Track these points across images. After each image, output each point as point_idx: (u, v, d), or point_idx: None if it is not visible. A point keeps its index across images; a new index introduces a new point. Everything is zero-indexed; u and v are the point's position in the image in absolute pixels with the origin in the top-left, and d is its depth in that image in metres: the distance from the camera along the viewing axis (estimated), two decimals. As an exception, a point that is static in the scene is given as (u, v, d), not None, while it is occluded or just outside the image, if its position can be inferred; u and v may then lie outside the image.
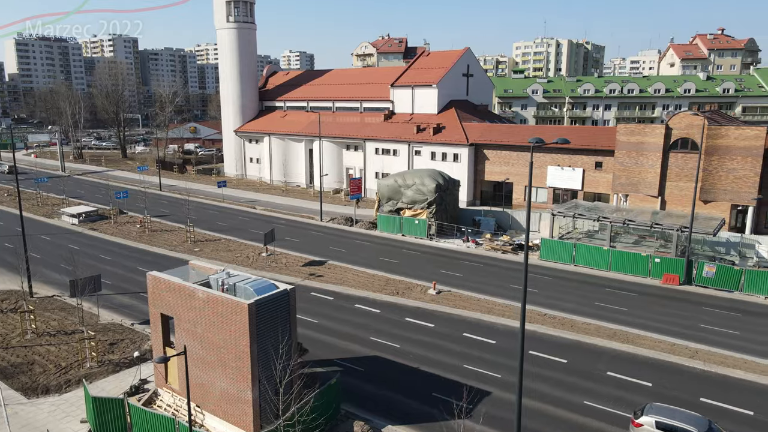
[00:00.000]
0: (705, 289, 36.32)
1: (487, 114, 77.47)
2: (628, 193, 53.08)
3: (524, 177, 61.68)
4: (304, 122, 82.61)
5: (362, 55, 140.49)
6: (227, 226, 54.78)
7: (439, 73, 72.91)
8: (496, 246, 45.91)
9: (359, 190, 55.63)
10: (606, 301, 34.04)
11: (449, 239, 49.45)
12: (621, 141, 52.57)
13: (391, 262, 42.70)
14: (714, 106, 64.87)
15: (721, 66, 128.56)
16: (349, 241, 49.30)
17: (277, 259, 43.18)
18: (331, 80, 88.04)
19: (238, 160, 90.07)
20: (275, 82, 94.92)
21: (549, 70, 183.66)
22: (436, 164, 66.08)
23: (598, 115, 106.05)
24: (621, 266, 39.46)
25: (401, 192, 51.11)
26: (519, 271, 40.60)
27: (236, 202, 67.52)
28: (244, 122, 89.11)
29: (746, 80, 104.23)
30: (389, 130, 71.94)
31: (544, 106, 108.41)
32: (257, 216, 60.17)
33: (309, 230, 53.59)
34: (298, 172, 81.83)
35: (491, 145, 63.11)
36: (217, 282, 22.13)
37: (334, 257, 43.95)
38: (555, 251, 42.48)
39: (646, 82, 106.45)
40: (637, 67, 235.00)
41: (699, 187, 48.93)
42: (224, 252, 45.48)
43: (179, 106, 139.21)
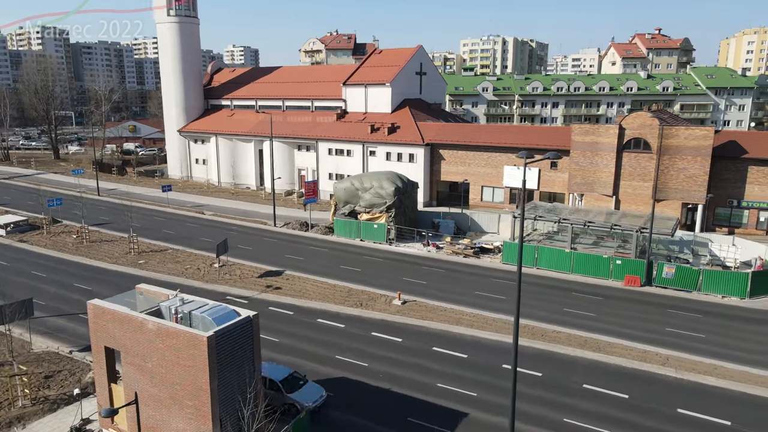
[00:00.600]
0: (665, 290, 36.69)
1: (440, 113, 76.83)
2: (584, 193, 53.53)
3: (481, 177, 61.34)
4: (253, 122, 79.51)
5: (310, 51, 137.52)
6: (174, 234, 51.55)
7: (392, 72, 71.58)
8: (458, 250, 45.09)
9: (314, 193, 53.61)
10: (574, 307, 33.69)
11: (409, 243, 48.27)
12: (576, 141, 52.89)
13: (352, 270, 41.08)
14: (660, 106, 66.64)
15: (658, 65, 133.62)
16: (306, 248, 47.29)
17: (231, 271, 40.71)
18: (280, 78, 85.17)
19: (183, 161, 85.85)
20: (221, 79, 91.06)
21: (496, 67, 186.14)
22: (391, 165, 64.83)
23: (547, 112, 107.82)
24: (583, 268, 39.39)
25: (359, 195, 49.49)
26: (482, 277, 39.88)
27: (183, 207, 63.98)
28: (188, 121, 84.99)
29: (683, 79, 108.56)
30: (342, 129, 70.09)
31: (494, 104, 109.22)
32: (206, 222, 57.07)
33: (263, 237, 51.16)
34: (248, 174, 78.72)
35: (447, 145, 62.42)
36: (170, 310, 19.90)
37: (291, 266, 41.89)
38: (515, 254, 41.94)
39: (591, 80, 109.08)
40: (578, 65, 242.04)
41: (652, 186, 49.83)
42: (172, 264, 42.52)
43: (117, 104, 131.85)
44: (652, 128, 49.02)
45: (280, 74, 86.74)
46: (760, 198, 48.44)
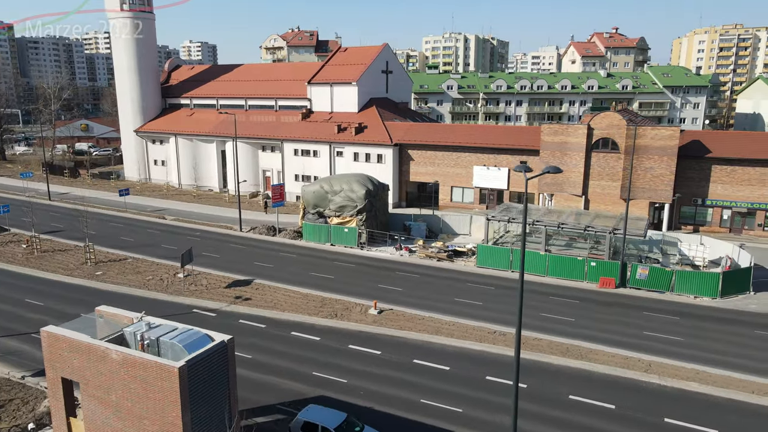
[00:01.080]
0: (639, 291, 36.81)
1: (407, 112, 75.99)
2: (554, 193, 53.60)
3: (450, 177, 60.82)
4: (214, 121, 76.81)
5: (272, 48, 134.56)
6: (134, 241, 48.97)
7: (358, 70, 70.26)
8: (431, 254, 44.30)
9: (281, 197, 51.90)
10: (552, 312, 33.33)
11: (381, 247, 47.22)
12: (545, 141, 52.87)
13: (324, 278, 39.73)
14: (624, 105, 67.55)
15: (616, 63, 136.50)
16: (275, 254, 45.63)
17: (197, 281, 38.74)
18: (241, 76, 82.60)
19: (141, 162, 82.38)
20: (179, 77, 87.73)
21: (458, 65, 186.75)
22: (359, 165, 63.63)
23: (511, 110, 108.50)
24: (558, 271, 39.18)
25: (328, 199, 48.09)
26: (458, 281, 39.17)
27: (142, 212, 61.10)
28: (145, 121, 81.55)
29: (641, 77, 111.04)
30: (308, 129, 68.40)
31: (459, 102, 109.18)
32: (168, 228, 54.54)
33: (229, 243, 49.16)
34: (210, 176, 76.06)
35: (416, 145, 61.61)
36: (135, 336, 18.24)
37: (260, 274, 40.21)
38: (492, 257, 41.53)
39: (554, 78, 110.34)
40: (537, 62, 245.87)
41: (620, 185, 50.27)
42: (133, 275, 40.19)
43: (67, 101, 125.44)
44: (620, 128, 49.38)
45: (241, 72, 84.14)
46: (723, 197, 49.50)
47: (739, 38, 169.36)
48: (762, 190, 48.05)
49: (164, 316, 32.67)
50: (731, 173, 48.77)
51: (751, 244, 46.41)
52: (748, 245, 45.72)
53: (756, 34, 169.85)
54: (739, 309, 33.94)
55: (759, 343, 29.40)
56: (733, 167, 48.62)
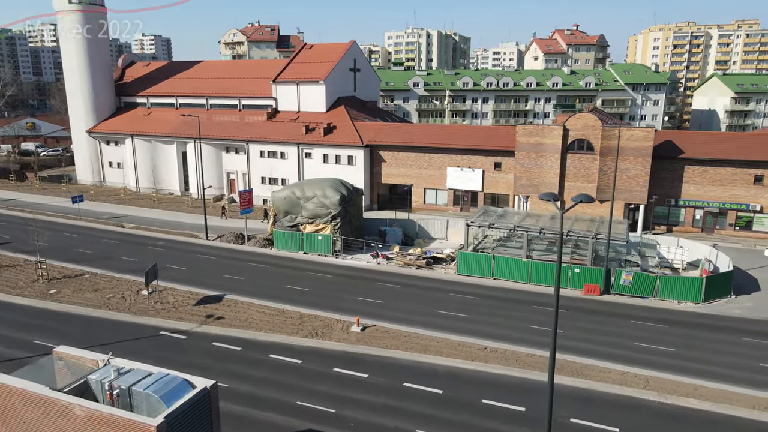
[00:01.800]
0: (623, 298, 36.33)
1: (377, 111, 74.23)
2: (529, 195, 52.95)
3: (423, 179, 59.49)
4: (174, 121, 73.17)
5: (231, 43, 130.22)
6: (91, 254, 45.63)
7: (325, 68, 68.01)
8: (409, 261, 42.81)
9: (250, 203, 49.37)
10: (540, 323, 32.34)
11: (357, 255, 45.44)
12: (521, 142, 52.11)
13: (300, 291, 37.71)
14: (593, 105, 67.68)
15: (578, 60, 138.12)
16: (245, 265, 43.24)
17: (163, 298, 36.06)
18: (201, 73, 79.02)
19: (95, 164, 77.87)
20: (134, 74, 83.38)
21: (422, 61, 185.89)
22: (329, 167, 61.57)
23: (477, 107, 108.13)
24: (540, 278, 38.33)
25: (300, 205, 45.95)
26: (440, 291, 37.81)
27: (98, 220, 57.38)
28: (99, 121, 77.10)
29: (603, 75, 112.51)
30: (274, 130, 65.81)
31: (425, 99, 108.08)
32: (127, 237, 51.22)
33: (195, 253, 46.42)
34: (171, 179, 72.45)
35: (388, 146, 59.97)
36: (102, 385, 15.96)
37: (231, 289, 37.84)
38: (473, 265, 40.36)
39: (519, 76, 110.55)
40: (498, 58, 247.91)
41: (596, 187, 49.97)
42: (91, 293, 37.15)
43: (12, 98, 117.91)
44: (596, 129, 49.03)
45: (201, 69, 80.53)
46: (695, 197, 49.86)
47: (692, 36, 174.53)
48: (733, 190, 48.59)
49: (129, 340, 30.34)
50: (703, 173, 49.15)
51: (723, 244, 46.92)
52: (720, 245, 46.20)
53: (708, 31, 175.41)
54: (724, 314, 33.82)
55: (749, 351, 29.15)
56: (705, 168, 48.99)
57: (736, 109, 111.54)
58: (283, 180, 64.66)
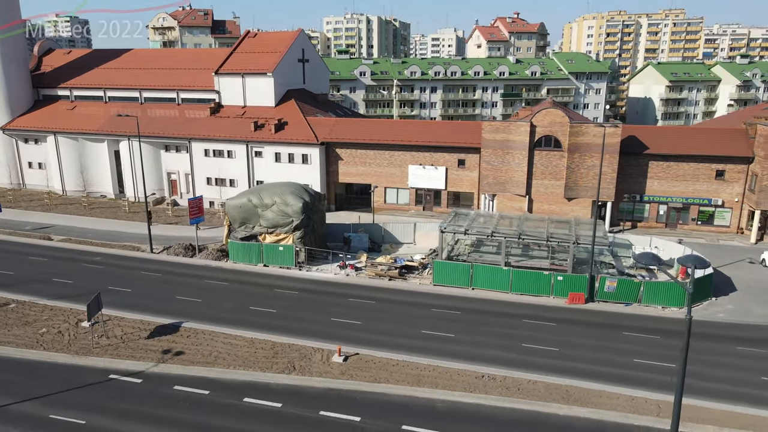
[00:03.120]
0: (607, 305, 35.21)
1: (328, 104, 70.38)
2: (496, 193, 51.30)
3: (383, 177, 56.65)
4: (103, 116, 66.38)
5: (161, 28, 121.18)
6: (15, 276, 39.79)
7: (273, 59, 63.38)
8: (381, 272, 39.97)
9: (201, 211, 44.76)
10: (532, 340, 30.47)
11: (322, 266, 42.12)
12: (487, 139, 50.23)
13: (267, 313, 34.08)
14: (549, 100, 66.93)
15: (519, 48, 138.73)
16: (200, 283, 38.95)
17: (108, 330, 31.43)
18: (132, 63, 72.12)
19: (12, 165, 69.70)
20: (53, 62, 75.09)
21: (362, 47, 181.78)
22: (281, 167, 57.55)
23: (426, 97, 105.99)
24: (522, 286, 36.59)
25: (258, 214, 41.95)
26: (418, 307, 35.21)
27: (20, 232, 50.77)
28: (14, 116, 68.94)
29: (547, 63, 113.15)
30: (219, 126, 60.74)
31: (372, 89, 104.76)
32: (57, 252, 45.34)
33: (139, 269, 41.52)
34: (103, 180, 65.77)
35: (345, 143, 56.55)
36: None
37: (188, 314, 33.67)
38: (449, 274, 38.08)
39: (466, 64, 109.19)
40: (437, 44, 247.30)
41: (564, 184, 48.92)
42: (20, 327, 31.91)
43: None
44: (563, 126, 47.80)
45: (132, 58, 73.49)
46: (659, 192, 49.85)
47: (623, 24, 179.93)
48: (695, 185, 48.89)
49: (73, 389, 25.82)
50: (667, 169, 49.13)
51: (687, 239, 47.17)
52: (685, 240, 46.38)
53: (638, 20, 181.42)
54: (710, 320, 33.29)
55: (746, 362, 28.46)
56: (668, 163, 48.96)
57: (670, 97, 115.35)
58: (231, 181, 59.96)
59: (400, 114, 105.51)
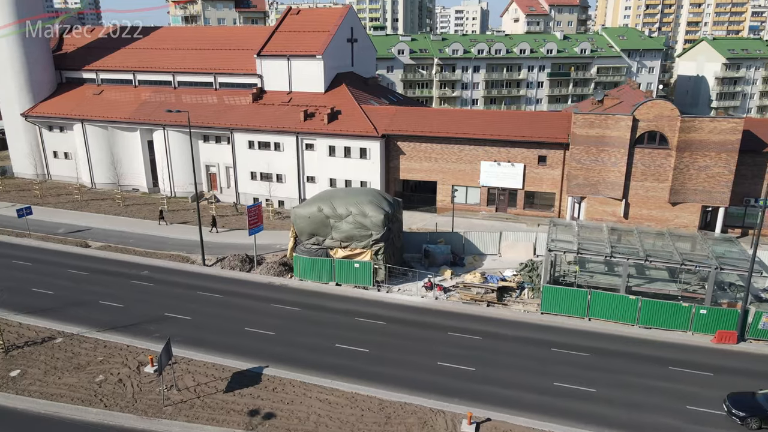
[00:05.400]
0: (759, 345, 29.62)
1: (379, 89, 64.16)
2: (585, 195, 45.36)
3: (450, 174, 50.76)
4: (134, 102, 60.69)
5: (182, 1, 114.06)
6: (55, 297, 34.71)
7: (321, 39, 57.01)
8: (477, 296, 34.43)
9: (259, 219, 39.24)
10: (696, 400, 24.92)
11: (403, 285, 36.66)
12: (578, 134, 44.05)
13: (358, 353, 28.79)
14: (630, 83, 60.23)
15: (560, 22, 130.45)
16: (269, 308, 33.66)
17: (177, 379, 26.31)
18: (162, 42, 65.94)
19: (36, 155, 64.40)
20: (76, 42, 69.06)
21: (386, 20, 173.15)
22: (336, 161, 51.84)
23: (468, 77, 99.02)
24: (651, 319, 30.99)
25: (330, 225, 36.37)
26: (538, 345, 29.64)
27: (53, 236, 45.62)
28: (36, 101, 63.51)
29: (597, 40, 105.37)
30: (264, 115, 54.83)
31: (411, 69, 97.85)
32: (98, 263, 40.17)
33: (195, 288, 36.29)
34: (135, 173, 60.36)
35: (408, 136, 50.53)
36: None
37: (265, 354, 28.45)
38: (561, 301, 32.51)
39: (511, 41, 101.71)
40: (461, 18, 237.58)
41: (669, 187, 42.89)
42: (72, 373, 26.84)
43: None
44: (672, 120, 41.52)
45: (162, 37, 67.28)
46: (777, 195, 43.65)
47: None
48: (820, 189, 42.66)
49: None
50: (788, 169, 42.84)
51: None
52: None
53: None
54: None
55: None
56: (791, 163, 42.64)
57: (726, 75, 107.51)
58: (279, 176, 54.31)
59: (440, 95, 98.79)
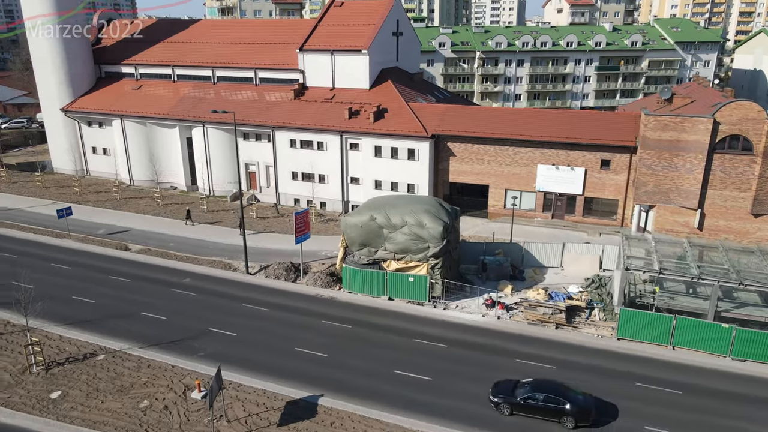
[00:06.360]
0: None
1: (425, 86, 61.25)
2: (655, 204, 41.86)
3: (503, 178, 47.74)
4: (173, 98, 59.17)
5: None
6: (95, 307, 33.16)
7: (366, 33, 54.34)
8: (544, 317, 31.56)
9: (307, 227, 37.00)
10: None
11: (461, 301, 34.00)
12: (649, 138, 40.53)
13: (419, 382, 26.27)
14: (697, 79, 56.05)
15: (606, 12, 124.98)
16: (318, 325, 31.42)
17: (229, 407, 24.26)
18: (201, 36, 64.23)
19: (75, 150, 63.61)
20: (114, 35, 67.87)
21: (422, 11, 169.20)
22: (382, 163, 49.41)
23: (511, 71, 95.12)
24: (747, 350, 27.74)
25: (383, 236, 33.87)
26: (623, 379, 26.71)
27: (93, 238, 44.31)
28: (76, 96, 62.63)
29: (649, 32, 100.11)
30: (307, 112, 52.55)
31: (452, 62, 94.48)
32: (138, 269, 38.57)
33: (239, 299, 34.32)
34: (174, 170, 58.96)
35: (458, 136, 47.65)
36: None
37: (319, 379, 26.20)
38: (640, 326, 29.41)
39: (557, 34, 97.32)
40: (497, 8, 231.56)
41: (752, 197, 39.12)
42: (115, 396, 25.06)
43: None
44: (758, 123, 37.70)
45: (201, 30, 65.63)
46: None
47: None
48: None
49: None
50: None
51: None
52: None
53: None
54: None
55: None
56: None
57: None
58: (321, 176, 52.08)
59: (482, 90, 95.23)
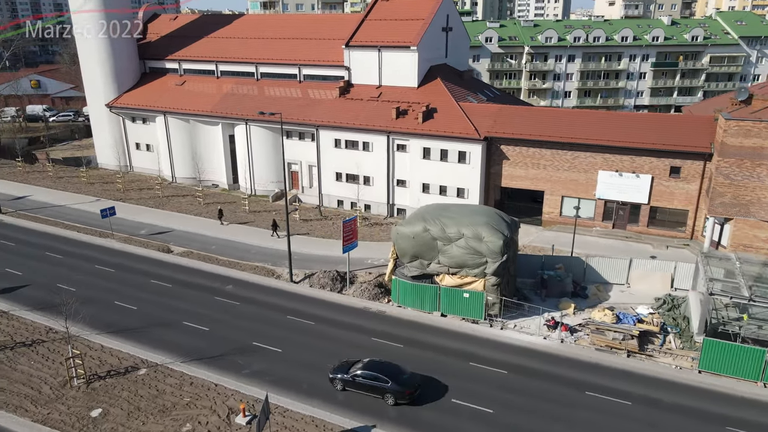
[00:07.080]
0: None
1: (475, 84, 58.52)
2: (732, 217, 38.35)
3: (560, 184, 44.83)
4: (216, 94, 58.15)
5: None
6: (138, 314, 32.10)
7: (415, 28, 51.94)
8: (614, 342, 28.83)
9: (354, 235, 35.09)
10: None
11: (519, 320, 31.53)
12: (728, 144, 37.01)
13: (483, 416, 24.03)
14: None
15: (662, 5, 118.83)
16: (368, 342, 29.49)
17: (272, 437, 22.64)
18: (245, 31, 63.02)
19: (119, 146, 63.47)
20: (160, 30, 67.50)
21: (465, 5, 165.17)
22: (430, 165, 47.13)
23: (561, 67, 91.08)
24: None
25: (437, 248, 31.66)
26: (709, 422, 23.92)
27: (135, 239, 43.52)
28: (121, 92, 62.36)
29: (711, 26, 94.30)
30: (352, 111, 50.62)
31: (499, 58, 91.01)
32: (181, 273, 37.44)
33: (284, 311, 32.73)
34: (216, 168, 58.01)
35: (513, 139, 44.89)
36: None
37: (373, 408, 24.27)
38: (728, 360, 26.42)
39: (611, 28, 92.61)
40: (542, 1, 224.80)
41: None
42: (156, 417, 23.70)
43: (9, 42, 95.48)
44: None
45: (244, 25, 64.46)
46: None
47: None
48: None
49: None
50: None
51: None
52: None
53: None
54: None
55: None
56: None
57: None
58: (366, 178, 50.11)
59: (530, 87, 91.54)
